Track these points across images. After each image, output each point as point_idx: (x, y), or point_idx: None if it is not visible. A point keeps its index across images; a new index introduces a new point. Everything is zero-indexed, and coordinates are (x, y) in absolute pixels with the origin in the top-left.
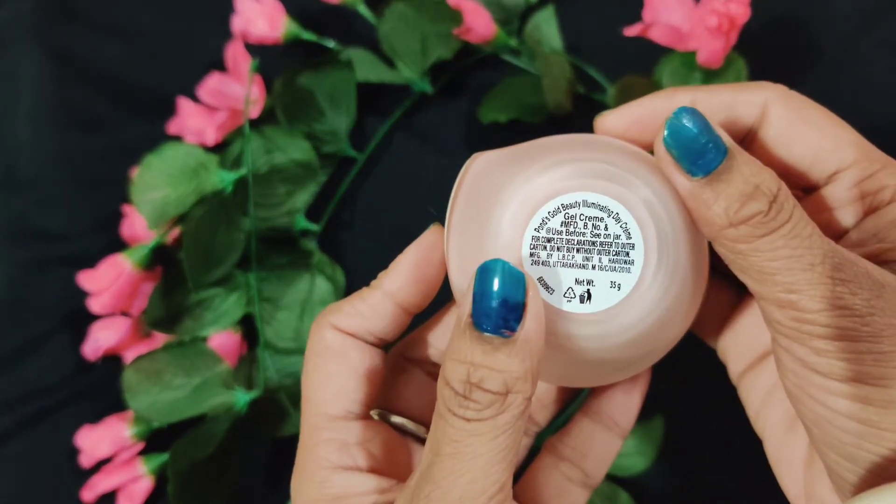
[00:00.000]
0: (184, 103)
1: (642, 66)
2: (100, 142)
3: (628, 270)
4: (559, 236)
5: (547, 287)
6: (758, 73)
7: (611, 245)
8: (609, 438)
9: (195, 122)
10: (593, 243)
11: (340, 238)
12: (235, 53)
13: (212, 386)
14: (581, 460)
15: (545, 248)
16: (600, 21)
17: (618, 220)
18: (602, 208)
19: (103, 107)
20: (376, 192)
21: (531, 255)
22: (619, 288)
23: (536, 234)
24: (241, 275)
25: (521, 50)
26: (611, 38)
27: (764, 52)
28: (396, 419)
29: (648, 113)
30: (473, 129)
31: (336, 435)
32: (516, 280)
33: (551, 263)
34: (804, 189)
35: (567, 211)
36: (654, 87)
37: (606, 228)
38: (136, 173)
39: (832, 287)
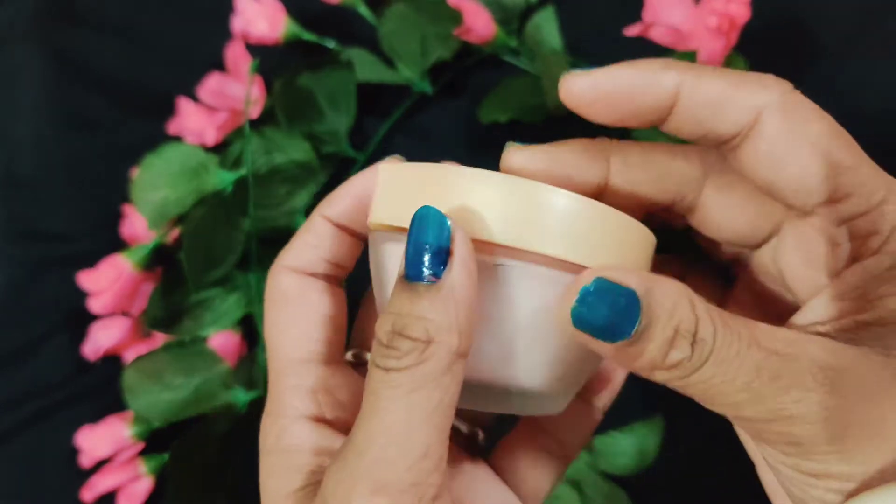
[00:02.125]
0: (184, 103)
1: None
2: (100, 142)
3: None
4: None
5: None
6: (758, 72)
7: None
8: (587, 410)
9: (195, 122)
10: None
11: None
12: (235, 54)
13: (212, 386)
14: (557, 431)
15: None
16: (600, 21)
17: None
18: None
19: (103, 107)
20: None
21: None
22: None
23: None
24: (240, 275)
25: (521, 50)
26: (611, 38)
27: (764, 52)
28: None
29: (622, 90)
30: (473, 130)
31: (301, 381)
32: (439, 224)
33: None
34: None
35: None
36: None
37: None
38: (136, 173)
39: (775, 399)
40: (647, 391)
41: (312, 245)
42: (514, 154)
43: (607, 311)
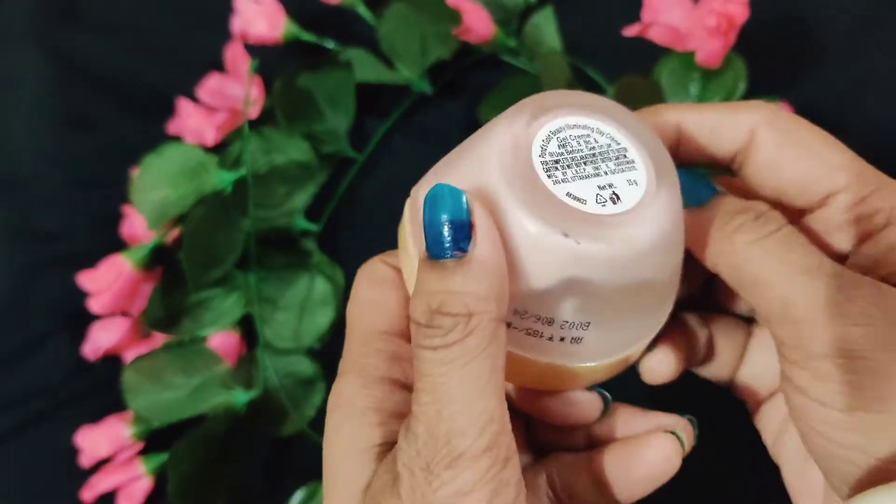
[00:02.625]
0: (183, 104)
1: (641, 67)
2: (100, 142)
3: (634, 168)
4: (563, 157)
5: (578, 199)
6: (757, 73)
7: (608, 153)
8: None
9: (195, 122)
10: (593, 155)
11: (340, 238)
12: (235, 54)
13: (211, 386)
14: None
15: (556, 169)
16: (599, 21)
17: (601, 132)
18: (584, 127)
19: (103, 107)
20: (375, 193)
21: (549, 177)
22: (636, 184)
23: (543, 160)
24: (240, 275)
25: (521, 50)
26: (610, 38)
27: (763, 53)
28: None
29: None
30: (473, 130)
31: (388, 346)
32: (455, 198)
33: (570, 179)
34: (800, 212)
35: (557, 136)
36: (653, 87)
37: (597, 141)
38: (135, 173)
39: (828, 295)
40: (647, 392)
41: None
42: None
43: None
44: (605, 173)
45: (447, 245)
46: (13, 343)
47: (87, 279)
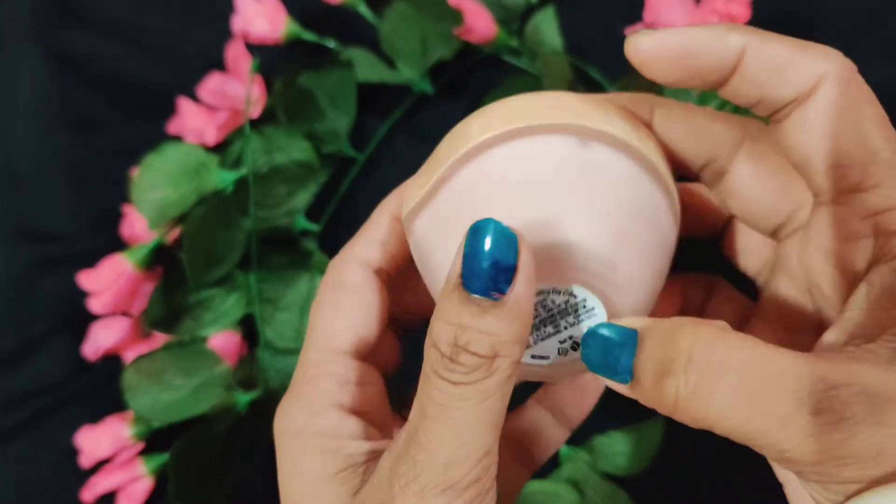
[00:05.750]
0: (184, 103)
1: None
2: (100, 142)
3: (594, 314)
4: None
5: (541, 357)
6: None
7: (566, 309)
8: (557, 431)
9: (195, 121)
10: (552, 316)
11: (340, 238)
12: (236, 53)
13: (212, 386)
14: (562, 403)
15: None
16: (601, 21)
17: (557, 292)
18: (540, 292)
19: (103, 106)
20: (376, 193)
21: None
22: (597, 317)
23: None
24: (241, 275)
25: (522, 50)
26: (611, 38)
27: None
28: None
29: (689, 48)
30: None
31: (340, 369)
32: (509, 241)
33: (532, 343)
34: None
35: None
36: (654, 87)
37: (553, 301)
38: (136, 173)
39: (820, 446)
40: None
41: (379, 241)
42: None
43: (602, 353)
44: (566, 328)
45: (488, 284)
46: (13, 343)
47: (87, 279)
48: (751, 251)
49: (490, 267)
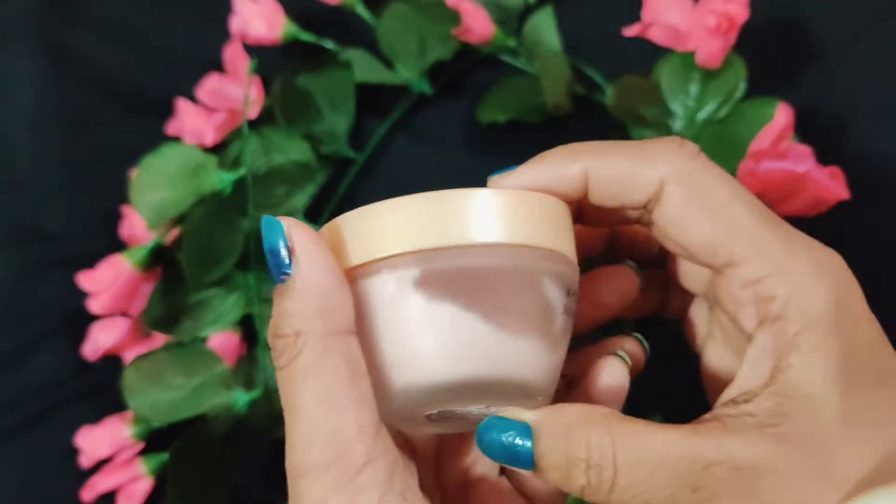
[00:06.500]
0: (182, 104)
1: (641, 67)
2: (99, 142)
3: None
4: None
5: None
6: (757, 73)
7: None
8: None
9: (194, 122)
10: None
11: None
12: (234, 54)
13: (211, 386)
14: None
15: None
16: (599, 21)
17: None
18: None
19: (103, 107)
20: (375, 193)
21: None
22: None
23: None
24: (240, 275)
25: (520, 50)
26: (610, 38)
27: (763, 53)
28: None
29: (539, 185)
30: (473, 130)
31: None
32: (272, 226)
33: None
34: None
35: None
36: (652, 87)
37: (485, 406)
38: (135, 174)
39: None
40: (646, 390)
41: None
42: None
43: (502, 446)
44: (488, 406)
45: (275, 272)
46: (13, 343)
47: (86, 279)
48: (693, 274)
49: (268, 254)
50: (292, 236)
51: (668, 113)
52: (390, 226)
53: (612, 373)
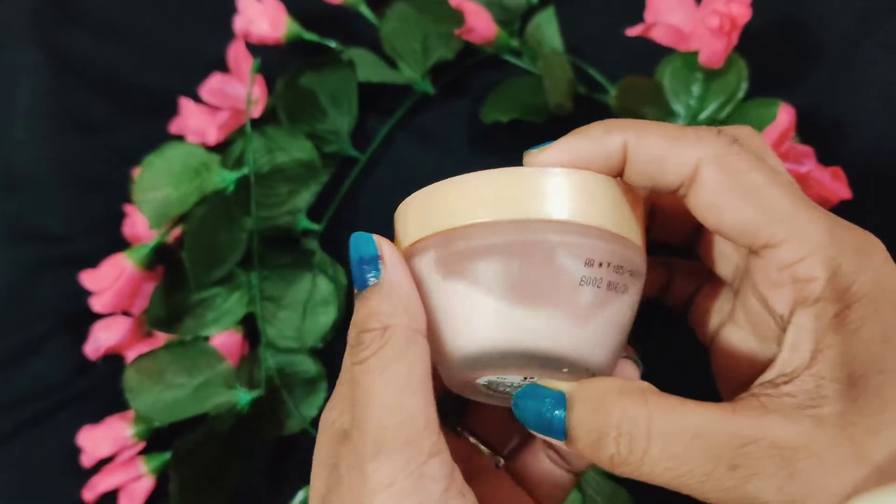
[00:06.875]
0: (185, 103)
1: (644, 67)
2: (100, 142)
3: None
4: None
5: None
6: (759, 73)
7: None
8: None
9: (197, 121)
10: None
11: (342, 238)
12: (237, 53)
13: (213, 385)
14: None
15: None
16: (601, 21)
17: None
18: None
19: (103, 107)
20: (378, 192)
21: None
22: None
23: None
24: (242, 274)
25: (523, 50)
26: (612, 38)
27: (765, 53)
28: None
29: (577, 158)
30: (475, 130)
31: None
32: (365, 239)
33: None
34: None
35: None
36: (655, 87)
37: (524, 379)
38: (137, 173)
39: (736, 489)
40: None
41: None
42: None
43: (536, 413)
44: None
45: (363, 278)
46: (14, 343)
47: (88, 278)
48: (723, 257)
49: (359, 263)
50: (382, 247)
51: (670, 113)
52: (412, 213)
53: (625, 375)
